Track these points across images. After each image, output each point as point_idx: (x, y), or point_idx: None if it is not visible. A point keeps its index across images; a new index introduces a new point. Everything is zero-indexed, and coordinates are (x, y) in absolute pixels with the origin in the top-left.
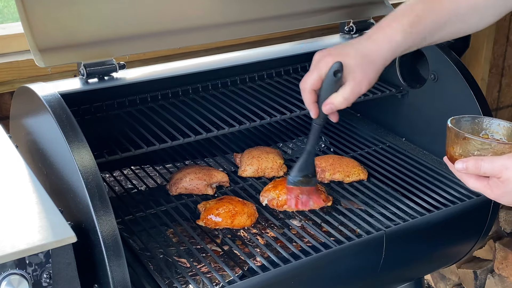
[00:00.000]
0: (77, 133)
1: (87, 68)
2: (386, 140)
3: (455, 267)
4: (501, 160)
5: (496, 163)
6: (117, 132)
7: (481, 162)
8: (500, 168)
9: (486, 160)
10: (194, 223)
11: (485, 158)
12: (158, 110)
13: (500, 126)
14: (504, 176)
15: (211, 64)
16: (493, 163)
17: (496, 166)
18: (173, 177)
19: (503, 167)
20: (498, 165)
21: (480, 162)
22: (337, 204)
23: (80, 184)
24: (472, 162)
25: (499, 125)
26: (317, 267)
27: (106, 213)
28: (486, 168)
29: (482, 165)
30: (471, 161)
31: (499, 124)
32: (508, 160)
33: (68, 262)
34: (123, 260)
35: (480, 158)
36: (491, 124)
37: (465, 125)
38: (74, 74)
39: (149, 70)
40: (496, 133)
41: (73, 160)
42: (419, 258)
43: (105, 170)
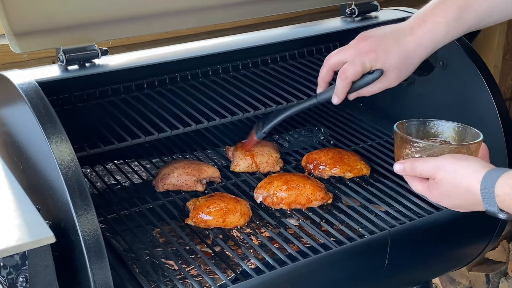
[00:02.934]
0: (55, 124)
1: (67, 54)
2: (391, 132)
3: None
4: (434, 160)
5: (430, 164)
6: (99, 124)
7: (416, 163)
8: (433, 169)
9: (420, 161)
10: (183, 222)
11: (420, 159)
12: (143, 99)
13: (450, 128)
14: (438, 177)
15: (201, 49)
16: (427, 163)
17: (430, 166)
18: (159, 172)
19: (437, 168)
20: (432, 165)
21: (415, 163)
22: (337, 202)
23: (59, 179)
24: (408, 164)
25: (449, 127)
26: (316, 270)
27: (87, 211)
28: (421, 169)
29: (417, 166)
30: (408, 163)
31: (448, 126)
32: (442, 160)
33: (45, 264)
34: (105, 262)
35: (416, 159)
36: (440, 125)
37: (413, 128)
38: (52, 61)
39: (133, 56)
40: (446, 135)
41: (52, 154)
42: (427, 260)
43: (86, 165)
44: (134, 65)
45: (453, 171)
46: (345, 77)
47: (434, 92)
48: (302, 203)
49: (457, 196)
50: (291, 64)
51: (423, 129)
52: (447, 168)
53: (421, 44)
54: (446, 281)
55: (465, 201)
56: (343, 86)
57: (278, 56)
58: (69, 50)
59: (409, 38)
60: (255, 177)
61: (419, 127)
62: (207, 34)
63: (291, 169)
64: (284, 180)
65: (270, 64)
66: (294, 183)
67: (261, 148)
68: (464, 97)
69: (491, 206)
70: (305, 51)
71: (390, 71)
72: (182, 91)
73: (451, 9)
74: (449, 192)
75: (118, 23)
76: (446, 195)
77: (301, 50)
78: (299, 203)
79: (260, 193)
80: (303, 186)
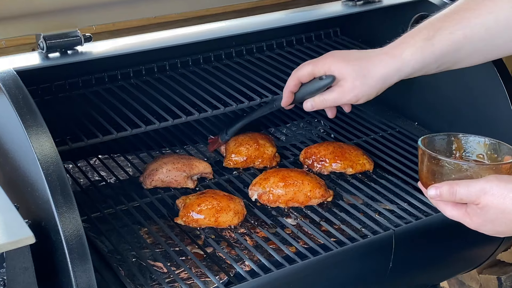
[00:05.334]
0: (35, 116)
1: (48, 41)
2: (396, 124)
3: (476, 272)
4: (478, 184)
5: (473, 188)
6: (83, 116)
7: (456, 187)
8: (477, 193)
9: (461, 185)
10: (172, 221)
11: (460, 182)
12: (130, 89)
13: (480, 143)
14: (482, 202)
15: (192, 36)
16: (469, 187)
17: (472, 191)
18: (147, 168)
19: (481, 192)
20: (476, 189)
21: (455, 187)
22: (338, 199)
23: (39, 176)
24: (446, 188)
25: (479, 142)
26: (315, 272)
27: (69, 209)
28: (462, 194)
29: (458, 191)
30: (445, 187)
31: (478, 141)
32: (486, 184)
33: (25, 266)
34: (89, 264)
35: (455, 182)
36: (469, 141)
37: (439, 144)
38: (32, 48)
39: (119, 43)
40: (475, 152)
41: (31, 148)
42: (434, 262)
43: (68, 160)
44: (120, 53)
45: (501, 195)
46: (293, 74)
47: (442, 82)
48: (300, 201)
49: (505, 223)
50: (288, 51)
51: (450, 145)
52: (494, 192)
53: (384, 60)
54: (455, 284)
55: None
56: (291, 85)
57: (274, 43)
58: (50, 36)
59: (375, 53)
60: (250, 173)
61: (445, 143)
62: (198, 19)
63: (289, 164)
64: (281, 176)
65: (266, 51)
66: (292, 180)
67: (256, 141)
68: (474, 86)
69: None
70: (303, 37)
71: (344, 80)
72: (171, 81)
73: (421, 32)
74: (495, 218)
75: (103, 7)
76: (491, 221)
77: (299, 36)
78: (297, 201)
79: (255, 190)
80: (301, 183)
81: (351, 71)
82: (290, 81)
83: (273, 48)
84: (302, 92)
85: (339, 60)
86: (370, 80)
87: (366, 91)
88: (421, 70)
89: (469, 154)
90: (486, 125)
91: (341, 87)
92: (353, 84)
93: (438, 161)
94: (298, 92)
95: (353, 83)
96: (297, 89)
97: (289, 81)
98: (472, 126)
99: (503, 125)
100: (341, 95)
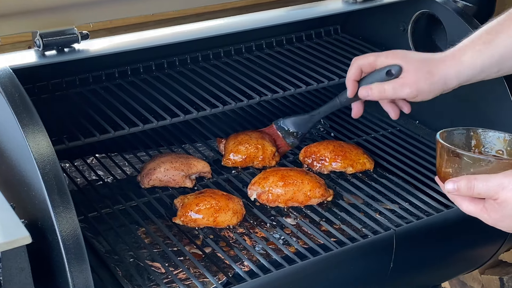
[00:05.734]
0: (32, 115)
1: (44, 39)
2: (396, 123)
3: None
4: (497, 178)
5: (491, 182)
6: (79, 114)
7: (474, 181)
8: (496, 188)
9: (479, 179)
10: (170, 221)
11: (479, 177)
12: (127, 87)
13: (500, 139)
14: (501, 197)
15: (190, 33)
16: (488, 182)
17: (491, 185)
18: (145, 167)
19: (500, 187)
20: (494, 184)
21: (473, 181)
22: (338, 199)
23: (35, 175)
24: (464, 182)
25: (499, 138)
26: (315, 273)
27: (66, 209)
28: (480, 189)
29: (476, 185)
30: (463, 181)
31: (498, 137)
32: (505, 179)
33: (21, 267)
34: (86, 264)
35: (473, 177)
36: (488, 136)
37: (458, 138)
38: (28, 46)
39: (117, 40)
40: (495, 148)
41: (28, 147)
42: (435, 262)
43: (65, 159)
44: (117, 50)
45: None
46: (353, 62)
47: None
48: (300, 201)
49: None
50: (288, 49)
51: (468, 140)
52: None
53: (446, 61)
54: (456, 285)
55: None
56: (352, 73)
57: (274, 41)
58: (47, 34)
59: (434, 56)
60: (249, 172)
61: (464, 137)
62: (197, 17)
63: (288, 163)
64: (281, 176)
65: (265, 49)
66: (291, 179)
67: (255, 141)
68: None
69: None
70: (303, 35)
71: (408, 72)
72: (169, 79)
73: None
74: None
75: (100, 4)
76: (509, 217)
77: (299, 34)
78: (296, 201)
79: (254, 189)
80: (301, 182)
81: (415, 65)
82: (352, 70)
83: (272, 46)
84: (367, 80)
85: (402, 55)
86: (433, 77)
87: (427, 88)
88: (480, 74)
89: (488, 150)
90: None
91: (402, 78)
92: (417, 76)
93: (456, 154)
94: (362, 81)
95: (416, 75)
96: (359, 78)
97: (351, 70)
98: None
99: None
100: (401, 87)
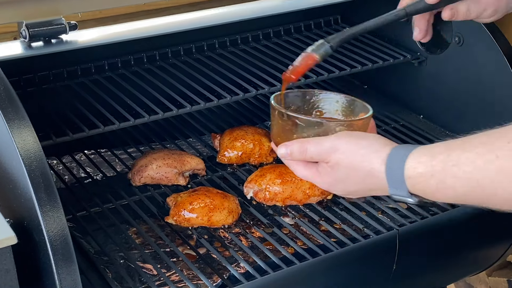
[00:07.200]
0: (17, 109)
1: (30, 29)
2: (400, 117)
3: (485, 274)
4: (329, 141)
5: (323, 146)
6: (67, 108)
7: (307, 145)
8: (328, 151)
9: (312, 143)
10: (162, 220)
11: (311, 140)
12: (117, 80)
13: (339, 102)
14: (332, 160)
15: (183, 24)
16: (320, 145)
17: (323, 148)
18: (136, 164)
19: (332, 149)
20: (326, 147)
21: (306, 145)
22: (338, 197)
23: (21, 172)
24: (297, 146)
25: (338, 101)
26: (314, 275)
27: (53, 208)
28: (313, 152)
29: (308, 149)
30: (296, 145)
31: (337, 100)
32: (337, 140)
33: (6, 268)
34: (74, 266)
35: (306, 140)
36: (324, 98)
37: (293, 100)
38: (14, 37)
39: (106, 31)
40: (333, 111)
41: (13, 143)
42: (440, 263)
43: (52, 155)
44: (107, 42)
45: (351, 152)
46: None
47: (449, 72)
48: (298, 199)
49: (356, 182)
50: (286, 40)
51: (303, 102)
52: (344, 150)
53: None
54: (462, 287)
55: (365, 186)
56: None
57: (271, 31)
58: (33, 24)
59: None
60: (245, 169)
61: (299, 99)
62: (190, 6)
63: None
64: (278, 173)
65: (262, 40)
66: (290, 176)
67: (252, 136)
68: (483, 77)
69: (399, 189)
70: (301, 25)
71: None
72: (161, 71)
73: None
74: (346, 177)
75: None
76: (341, 180)
77: (298, 25)
78: (295, 199)
79: (251, 187)
80: (299, 180)
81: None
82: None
83: (269, 37)
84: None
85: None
86: None
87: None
88: None
89: (324, 111)
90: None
91: None
92: None
93: (288, 117)
94: None
95: None
96: None
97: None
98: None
99: None
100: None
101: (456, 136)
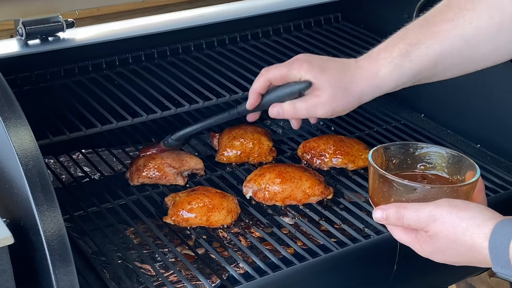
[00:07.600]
0: (14, 108)
1: (27, 27)
2: (400, 116)
3: (487, 275)
4: (427, 209)
5: (421, 213)
6: (65, 107)
7: (404, 211)
8: (426, 220)
9: (409, 209)
10: (161, 220)
11: (409, 206)
12: (115, 79)
13: (445, 158)
14: (432, 230)
15: (182, 21)
16: (418, 212)
17: (421, 217)
18: (134, 163)
19: (431, 219)
20: (425, 215)
21: (403, 211)
22: (339, 197)
23: (18, 171)
24: (393, 211)
25: (443, 156)
26: (314, 275)
27: (50, 207)
28: (410, 220)
29: (405, 215)
30: (392, 210)
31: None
32: (436, 210)
33: (2, 269)
34: (71, 266)
35: (403, 205)
36: (429, 152)
37: (395, 154)
38: (10, 35)
39: (104, 29)
40: (436, 165)
41: (9, 142)
42: (442, 264)
43: (50, 154)
44: (105, 40)
45: (452, 224)
46: (263, 73)
47: None
48: (298, 199)
49: (456, 254)
50: (285, 38)
51: (406, 155)
52: (444, 220)
53: (362, 76)
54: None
55: (466, 259)
56: (258, 86)
57: (270, 29)
58: (30, 22)
59: (352, 67)
60: (244, 168)
61: (400, 153)
62: (189, 4)
63: (286, 159)
64: (278, 172)
65: (262, 38)
66: (289, 176)
67: (251, 135)
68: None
69: (505, 268)
70: (301, 23)
71: (322, 90)
72: (160, 70)
73: (397, 46)
74: (446, 248)
75: None
76: (441, 251)
77: (297, 22)
78: (294, 199)
79: (250, 187)
80: (299, 179)
81: (330, 82)
82: (259, 82)
83: (269, 35)
84: (272, 95)
85: (316, 67)
86: (350, 94)
87: (344, 106)
88: (398, 87)
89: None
90: (498, 117)
91: (317, 97)
92: (334, 96)
93: (385, 179)
94: (267, 95)
95: (333, 95)
96: (265, 91)
97: (258, 82)
98: (482, 118)
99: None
100: (316, 107)
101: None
